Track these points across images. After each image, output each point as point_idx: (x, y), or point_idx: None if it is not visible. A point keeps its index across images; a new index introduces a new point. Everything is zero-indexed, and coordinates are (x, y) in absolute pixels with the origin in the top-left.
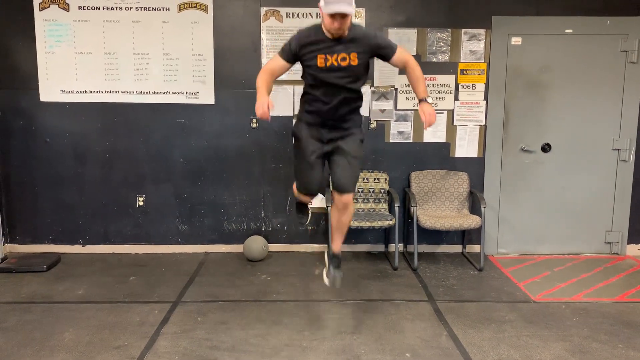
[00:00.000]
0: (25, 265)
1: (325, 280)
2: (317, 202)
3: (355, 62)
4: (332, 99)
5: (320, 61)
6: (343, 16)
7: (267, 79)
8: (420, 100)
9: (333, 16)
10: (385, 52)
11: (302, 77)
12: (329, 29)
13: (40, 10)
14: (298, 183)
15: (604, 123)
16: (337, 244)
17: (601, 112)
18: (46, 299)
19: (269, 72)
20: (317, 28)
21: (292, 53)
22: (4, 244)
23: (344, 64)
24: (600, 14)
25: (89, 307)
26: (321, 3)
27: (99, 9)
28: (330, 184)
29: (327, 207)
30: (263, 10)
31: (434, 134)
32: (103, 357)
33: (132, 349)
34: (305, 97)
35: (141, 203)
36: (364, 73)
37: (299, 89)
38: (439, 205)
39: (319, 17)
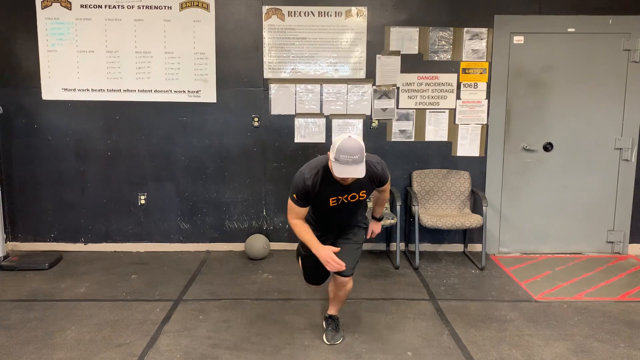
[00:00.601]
0: (27, 263)
1: (325, 340)
2: None
3: (363, 197)
4: (338, 221)
5: (332, 202)
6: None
7: (304, 226)
8: (374, 218)
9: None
10: (382, 184)
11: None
12: (337, 179)
13: (42, 9)
14: (304, 273)
15: (606, 122)
16: (335, 309)
17: (603, 111)
18: (48, 297)
19: (299, 218)
20: (324, 169)
21: (307, 200)
22: (6, 242)
23: (353, 200)
24: (602, 13)
25: (91, 305)
26: (331, 155)
27: (101, 7)
28: None
29: None
30: (265, 8)
31: (436, 133)
32: (105, 355)
33: (133, 346)
34: (312, 219)
35: (143, 201)
36: (369, 196)
37: (300, 88)
38: (441, 204)
39: (321, 15)
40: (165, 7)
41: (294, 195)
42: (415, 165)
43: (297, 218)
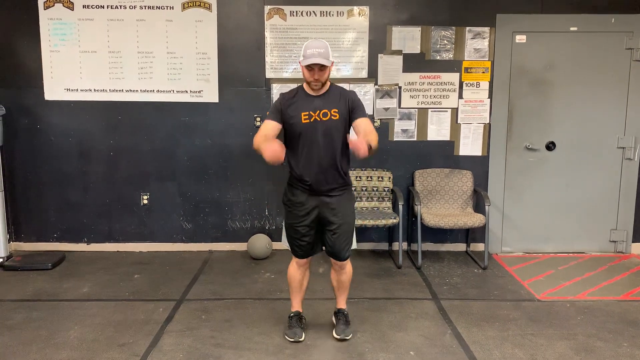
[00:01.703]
0: (31, 263)
1: (334, 334)
2: None
3: (336, 117)
4: (318, 158)
5: (303, 117)
6: (320, 68)
7: (262, 141)
8: None
9: (311, 68)
10: (356, 112)
11: (285, 143)
12: (308, 81)
13: (45, 9)
14: (291, 247)
15: (609, 121)
16: (341, 301)
17: (606, 110)
18: (51, 296)
19: (262, 137)
20: (299, 88)
21: (279, 111)
22: (9, 242)
23: (325, 118)
24: (605, 12)
25: (94, 305)
26: (300, 58)
27: (103, 7)
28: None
29: None
30: (267, 8)
31: (438, 133)
32: (108, 354)
33: (136, 346)
34: (291, 158)
35: (145, 201)
36: (344, 129)
37: None
38: (443, 204)
39: (323, 15)
40: (167, 7)
41: (269, 111)
42: (418, 164)
43: (261, 135)
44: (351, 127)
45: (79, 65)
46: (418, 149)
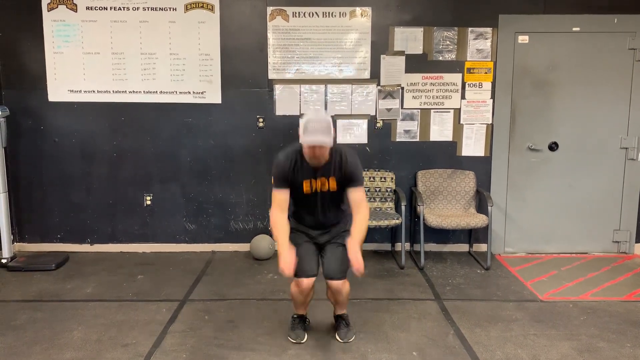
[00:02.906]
0: (34, 264)
1: (338, 338)
2: None
3: (334, 187)
4: (318, 213)
5: (306, 187)
6: (321, 147)
7: (282, 221)
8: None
9: (311, 146)
10: (353, 182)
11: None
12: (308, 157)
13: (48, 11)
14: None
15: (612, 121)
16: (341, 310)
17: (609, 111)
18: (55, 297)
19: (279, 209)
20: (298, 153)
21: (287, 179)
22: (13, 243)
23: (324, 189)
24: (607, 12)
25: (97, 306)
26: (300, 131)
27: (106, 9)
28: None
29: None
30: (269, 9)
31: (441, 133)
32: (111, 354)
33: (140, 346)
34: (293, 212)
35: (148, 202)
36: (343, 192)
37: (305, 88)
38: (446, 204)
39: (325, 15)
40: (170, 8)
41: (274, 180)
42: (420, 165)
43: (278, 208)
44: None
45: (83, 66)
46: (420, 149)
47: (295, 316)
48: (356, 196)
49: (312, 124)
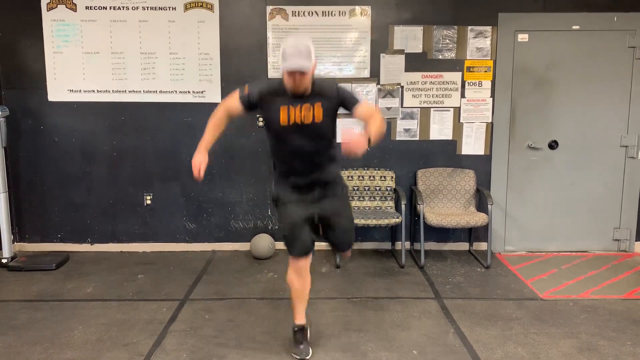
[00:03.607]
0: (35, 263)
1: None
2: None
3: (319, 116)
4: (301, 161)
5: (283, 116)
6: (301, 73)
7: (219, 123)
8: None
9: (290, 73)
10: (351, 102)
11: (266, 131)
12: (288, 86)
13: (47, 11)
14: (287, 246)
15: (612, 120)
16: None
17: (609, 109)
18: (55, 297)
19: (225, 110)
20: (279, 81)
21: (250, 101)
22: (13, 243)
23: (307, 122)
24: (607, 10)
25: (98, 305)
26: (280, 58)
27: (105, 8)
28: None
29: None
30: (269, 8)
31: (441, 132)
32: (112, 354)
33: (140, 346)
34: (274, 157)
35: (149, 202)
36: (330, 126)
37: None
38: (446, 203)
39: (325, 14)
40: (169, 8)
41: (241, 88)
42: (420, 164)
43: (225, 107)
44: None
45: (82, 66)
46: (420, 148)
47: (296, 329)
48: (363, 109)
49: (291, 49)
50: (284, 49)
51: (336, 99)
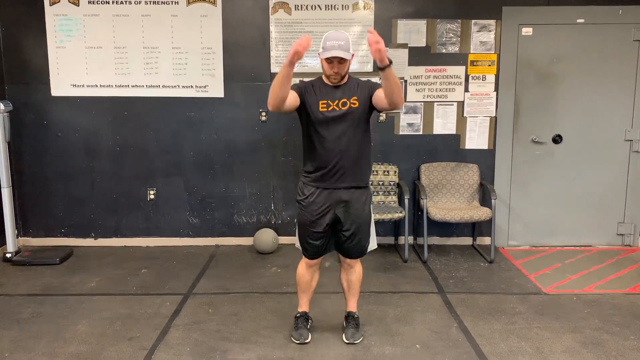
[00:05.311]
0: (39, 258)
1: (344, 339)
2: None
3: (355, 105)
4: (336, 150)
5: (321, 106)
6: (340, 61)
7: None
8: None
9: (330, 61)
10: (375, 87)
11: (302, 134)
12: (328, 74)
13: (50, 5)
14: (302, 248)
15: (616, 114)
16: (352, 304)
17: (613, 103)
18: (59, 291)
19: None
20: (318, 79)
21: (299, 92)
22: (17, 238)
23: (344, 108)
24: (612, 3)
25: (102, 300)
26: (320, 50)
27: (108, 3)
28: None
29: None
30: (272, 2)
31: (444, 126)
32: (116, 348)
33: (144, 340)
34: (307, 153)
35: (152, 196)
36: (366, 117)
37: None
38: (449, 198)
39: (328, 8)
40: (172, 2)
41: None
42: (424, 158)
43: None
44: (371, 114)
45: (85, 61)
46: (424, 142)
47: (298, 315)
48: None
49: (331, 41)
50: (325, 39)
51: (368, 89)
